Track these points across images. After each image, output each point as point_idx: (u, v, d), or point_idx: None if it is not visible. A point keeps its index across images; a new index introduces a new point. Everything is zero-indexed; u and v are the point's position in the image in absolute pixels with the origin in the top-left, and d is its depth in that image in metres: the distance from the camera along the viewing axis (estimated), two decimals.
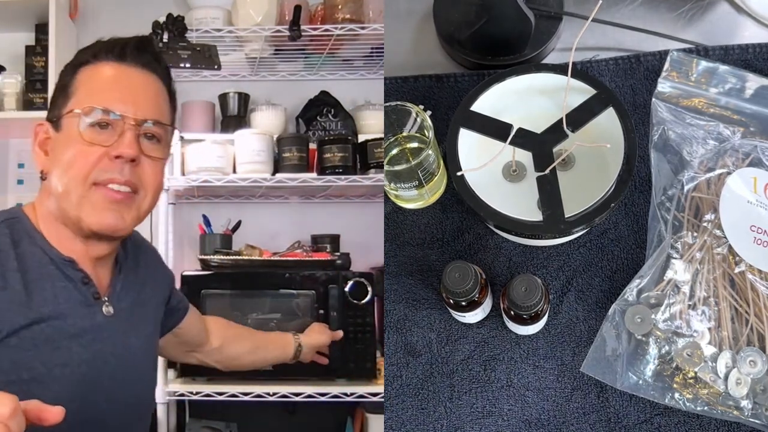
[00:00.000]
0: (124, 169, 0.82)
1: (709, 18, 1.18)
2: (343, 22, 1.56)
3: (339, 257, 1.56)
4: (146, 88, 0.85)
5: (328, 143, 1.55)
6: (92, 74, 0.84)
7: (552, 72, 0.99)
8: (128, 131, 0.82)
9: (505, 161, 1.01)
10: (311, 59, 1.73)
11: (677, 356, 0.92)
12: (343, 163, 1.54)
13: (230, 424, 1.61)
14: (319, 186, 1.58)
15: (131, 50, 0.85)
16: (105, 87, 0.84)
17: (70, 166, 0.82)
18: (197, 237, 1.71)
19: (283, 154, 1.57)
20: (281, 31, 1.56)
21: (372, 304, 1.47)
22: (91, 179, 0.81)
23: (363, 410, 1.53)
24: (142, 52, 0.86)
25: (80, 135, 0.81)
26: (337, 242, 1.69)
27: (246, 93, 1.72)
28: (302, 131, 1.73)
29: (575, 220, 0.91)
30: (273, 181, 1.54)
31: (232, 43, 1.62)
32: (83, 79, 0.84)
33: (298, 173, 1.55)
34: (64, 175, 0.82)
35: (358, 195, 1.74)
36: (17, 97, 1.60)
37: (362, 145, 1.58)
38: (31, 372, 0.77)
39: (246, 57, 1.68)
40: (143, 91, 0.85)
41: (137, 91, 0.85)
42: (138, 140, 0.83)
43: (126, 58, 0.85)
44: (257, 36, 1.59)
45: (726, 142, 0.98)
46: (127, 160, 0.82)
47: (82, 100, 0.83)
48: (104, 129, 0.82)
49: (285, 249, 1.62)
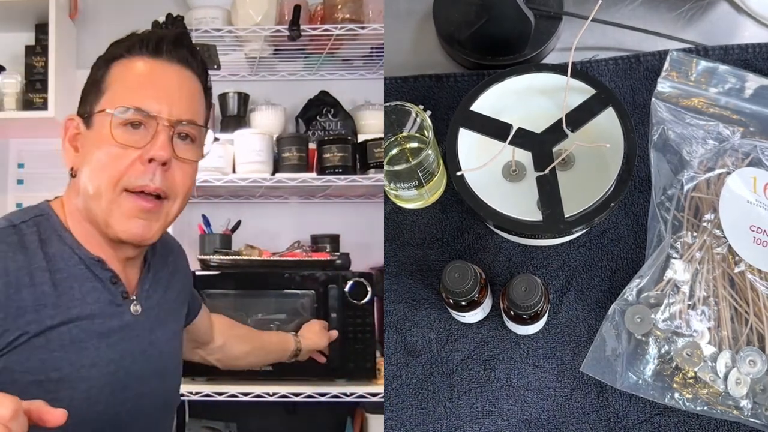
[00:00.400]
0: (156, 174, 0.79)
1: (709, 18, 1.18)
2: (342, 21, 1.56)
3: (339, 257, 1.56)
4: (181, 85, 0.82)
5: (328, 143, 1.55)
6: (125, 70, 0.81)
7: (552, 72, 0.99)
8: (162, 132, 0.79)
9: (504, 161, 1.01)
10: (311, 59, 1.73)
11: (677, 356, 0.92)
12: (343, 163, 1.54)
13: (230, 424, 1.61)
14: (319, 186, 1.58)
15: (168, 45, 0.81)
16: (139, 84, 0.80)
17: (101, 168, 0.79)
18: (197, 237, 1.71)
19: (282, 154, 1.57)
20: (281, 31, 1.56)
21: (372, 304, 1.46)
22: (122, 185, 0.79)
23: (363, 410, 1.53)
24: (178, 47, 0.82)
25: (111, 135, 0.78)
26: (337, 242, 1.69)
27: (246, 93, 1.72)
28: (302, 131, 1.73)
29: (575, 220, 0.91)
30: (273, 181, 1.54)
31: (232, 43, 1.62)
32: (116, 75, 0.81)
33: (298, 173, 1.55)
34: (95, 177, 0.79)
35: (358, 195, 1.74)
36: (17, 97, 1.60)
37: (362, 145, 1.58)
38: (60, 372, 0.76)
39: (246, 57, 1.68)
40: (178, 90, 0.82)
41: (172, 89, 0.81)
42: (171, 142, 0.80)
43: (162, 54, 0.81)
44: (257, 36, 1.59)
45: (726, 142, 0.98)
46: (160, 164, 0.79)
47: (115, 99, 0.80)
48: (137, 129, 0.79)
49: (285, 249, 1.62)
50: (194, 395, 1.45)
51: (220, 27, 1.56)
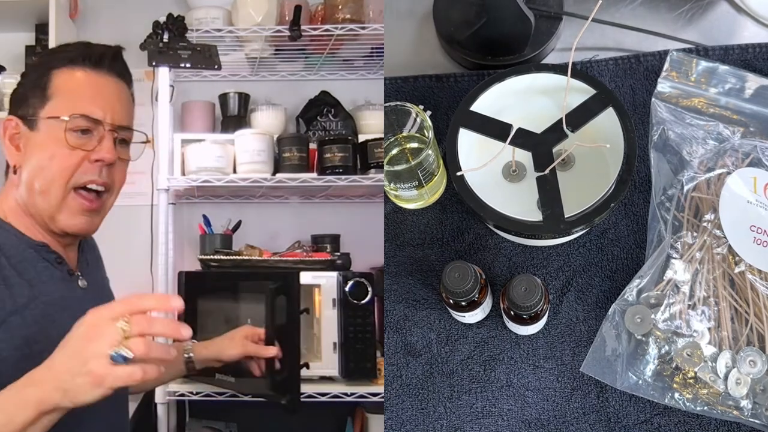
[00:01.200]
0: (102, 171, 0.90)
1: (709, 18, 1.18)
2: (343, 22, 1.56)
3: (339, 257, 1.56)
4: (120, 95, 0.93)
5: (328, 143, 1.55)
6: (70, 79, 0.90)
7: (552, 72, 0.99)
8: (107, 136, 0.90)
9: (505, 161, 1.01)
10: (311, 59, 1.73)
11: (677, 356, 0.92)
12: (343, 163, 1.54)
13: (230, 424, 1.62)
14: (319, 186, 1.58)
15: (109, 60, 0.92)
16: (86, 94, 0.90)
17: (50, 167, 0.89)
18: (197, 237, 1.71)
19: (283, 154, 1.57)
20: (281, 31, 1.56)
21: (372, 304, 1.46)
22: (72, 183, 0.89)
23: (363, 410, 1.53)
24: (116, 62, 0.93)
25: (65, 140, 0.88)
26: (337, 242, 1.69)
27: (246, 93, 1.72)
28: (302, 131, 1.73)
29: (575, 220, 0.91)
30: (273, 181, 1.55)
31: (232, 43, 1.62)
32: (61, 84, 0.90)
33: (298, 173, 1.55)
34: (42, 175, 0.89)
35: (358, 195, 1.74)
36: None
37: (362, 145, 1.58)
38: (40, 345, 0.82)
39: (246, 57, 1.68)
40: (118, 99, 0.93)
41: (114, 99, 0.92)
42: (115, 144, 0.91)
43: (103, 66, 0.91)
44: (257, 36, 1.59)
45: (726, 142, 0.98)
46: (106, 164, 0.90)
47: (64, 107, 0.89)
48: (85, 134, 0.89)
49: (285, 249, 1.62)
50: (194, 395, 1.45)
51: (220, 27, 1.57)
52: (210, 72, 1.59)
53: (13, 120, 0.92)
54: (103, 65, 0.91)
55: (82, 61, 0.91)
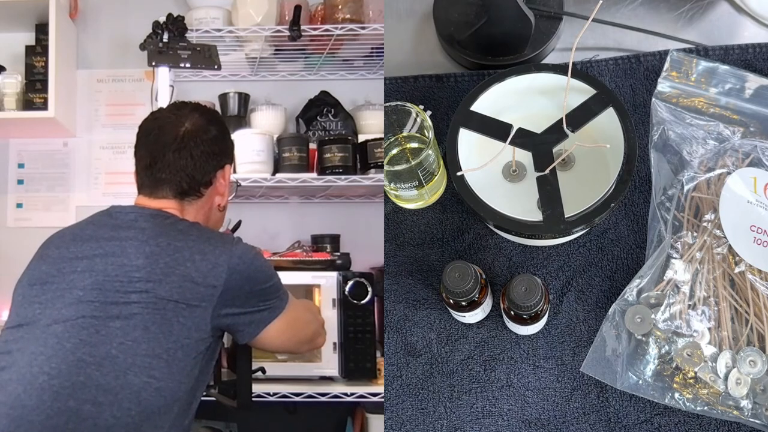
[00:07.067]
0: None
1: (709, 18, 1.18)
2: (343, 22, 1.56)
3: (339, 257, 1.56)
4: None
5: (328, 143, 1.55)
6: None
7: (552, 72, 0.99)
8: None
9: (505, 161, 1.01)
10: (311, 59, 1.73)
11: (677, 356, 0.92)
12: (343, 163, 1.54)
13: (230, 424, 1.61)
14: (319, 186, 1.58)
15: None
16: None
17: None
18: None
19: (283, 154, 1.57)
20: (281, 31, 1.56)
21: (372, 304, 1.46)
22: None
23: (363, 410, 1.53)
24: None
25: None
26: (337, 242, 1.68)
27: (246, 93, 1.72)
28: (302, 131, 1.73)
29: (575, 220, 0.91)
30: (273, 181, 1.54)
31: (232, 43, 1.62)
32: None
33: (298, 173, 1.55)
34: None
35: (358, 195, 1.74)
36: (17, 97, 1.59)
37: (362, 145, 1.58)
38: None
39: (246, 57, 1.68)
40: None
41: None
42: None
43: None
44: (257, 36, 1.59)
45: (726, 142, 0.98)
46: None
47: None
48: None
49: (285, 249, 1.62)
50: None
51: (220, 27, 1.56)
52: (210, 72, 1.59)
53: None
54: None
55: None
